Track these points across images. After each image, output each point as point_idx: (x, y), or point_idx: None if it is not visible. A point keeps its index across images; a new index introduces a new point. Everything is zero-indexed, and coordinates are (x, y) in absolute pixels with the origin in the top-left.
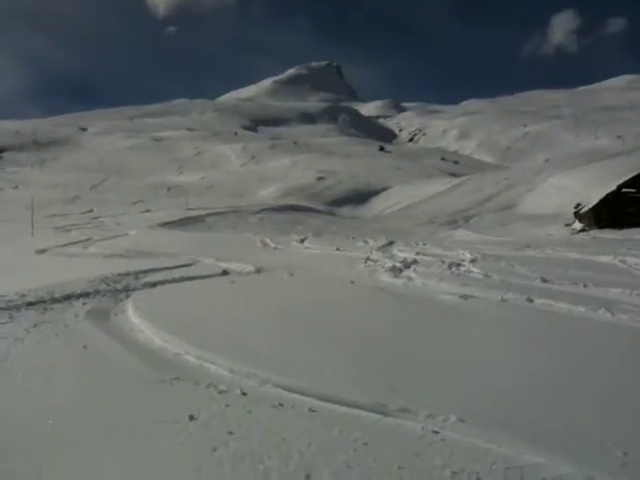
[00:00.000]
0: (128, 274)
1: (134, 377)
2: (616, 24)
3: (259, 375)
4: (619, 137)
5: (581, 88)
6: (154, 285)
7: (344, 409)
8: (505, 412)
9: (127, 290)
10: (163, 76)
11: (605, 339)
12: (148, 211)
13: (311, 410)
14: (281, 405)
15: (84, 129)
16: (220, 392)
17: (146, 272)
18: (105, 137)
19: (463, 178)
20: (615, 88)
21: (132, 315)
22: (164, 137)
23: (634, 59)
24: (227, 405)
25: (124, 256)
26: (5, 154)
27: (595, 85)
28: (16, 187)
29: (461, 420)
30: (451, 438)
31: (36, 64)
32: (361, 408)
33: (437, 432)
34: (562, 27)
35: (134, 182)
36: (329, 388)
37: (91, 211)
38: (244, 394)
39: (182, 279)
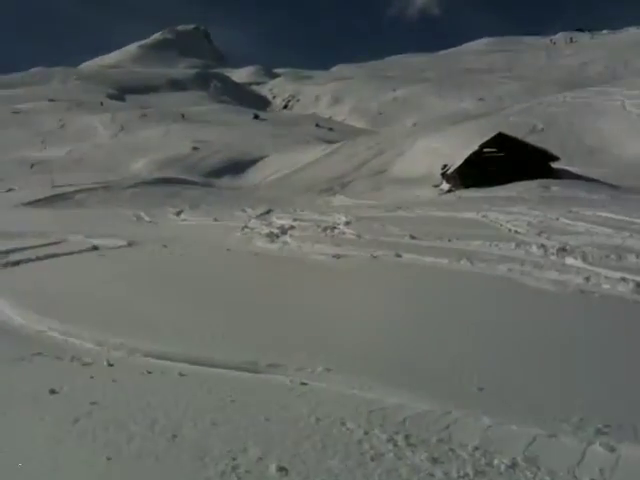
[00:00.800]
0: None
1: None
2: None
3: (127, 345)
4: (481, 99)
5: (443, 52)
6: (17, 264)
7: (214, 370)
8: (370, 360)
9: None
10: (17, 41)
11: (466, 286)
12: (11, 190)
13: (180, 374)
14: (149, 373)
15: None
16: (84, 364)
17: (8, 252)
18: None
19: (337, 145)
20: (475, 51)
21: None
22: (23, 109)
23: (494, 20)
24: (91, 377)
25: None
26: None
27: (457, 49)
28: None
29: (328, 370)
30: (318, 388)
31: None
32: (231, 368)
33: (305, 384)
34: None
35: None
36: (200, 351)
37: None
38: (110, 365)
39: (47, 257)
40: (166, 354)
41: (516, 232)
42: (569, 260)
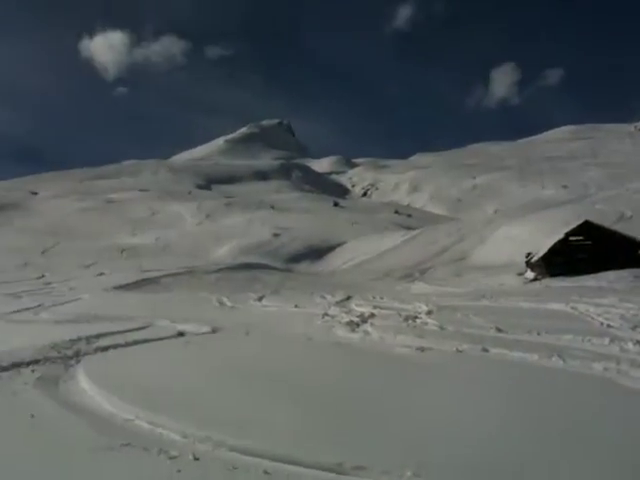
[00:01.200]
0: (79, 339)
1: (83, 445)
2: (554, 75)
3: (213, 438)
4: (564, 186)
5: (524, 140)
6: (106, 349)
7: (299, 469)
8: (460, 464)
9: (78, 356)
10: (113, 137)
11: (559, 386)
12: (102, 274)
13: (265, 472)
14: (235, 468)
15: (34, 193)
16: (171, 458)
17: (98, 337)
18: (56, 200)
19: (417, 231)
20: (556, 139)
21: (82, 381)
22: (116, 199)
23: (573, 108)
24: (178, 471)
25: (76, 321)
26: None
27: (537, 137)
28: None
29: (416, 475)
30: None
31: None
32: (316, 468)
33: None
34: (503, 80)
35: (87, 245)
36: (284, 448)
37: (43, 276)
38: (196, 459)
39: (135, 342)
40: (251, 450)
41: (609, 326)
42: None
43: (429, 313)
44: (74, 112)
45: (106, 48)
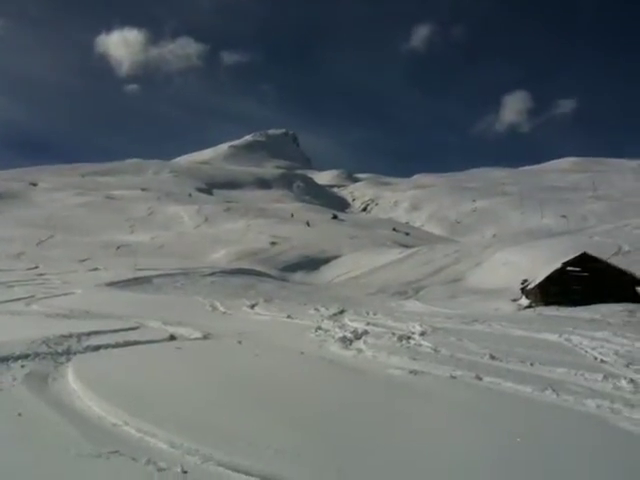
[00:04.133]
0: (71, 336)
1: (69, 449)
2: (566, 105)
3: (201, 452)
4: (564, 217)
5: (526, 168)
6: (97, 349)
7: None
8: None
9: (68, 353)
10: (119, 134)
11: (552, 421)
12: (96, 269)
13: None
14: None
15: (34, 184)
16: (160, 470)
17: (89, 334)
18: (55, 193)
19: (414, 249)
20: (559, 169)
21: (72, 381)
22: (116, 195)
23: (581, 139)
24: None
25: (68, 316)
26: None
27: (540, 166)
28: None
29: None
30: None
31: None
32: None
33: None
34: (514, 107)
35: (83, 239)
36: (273, 467)
37: (36, 267)
38: (185, 472)
39: (127, 343)
40: (240, 466)
41: (602, 361)
42: None
43: (423, 334)
44: (83, 106)
45: (122, 45)
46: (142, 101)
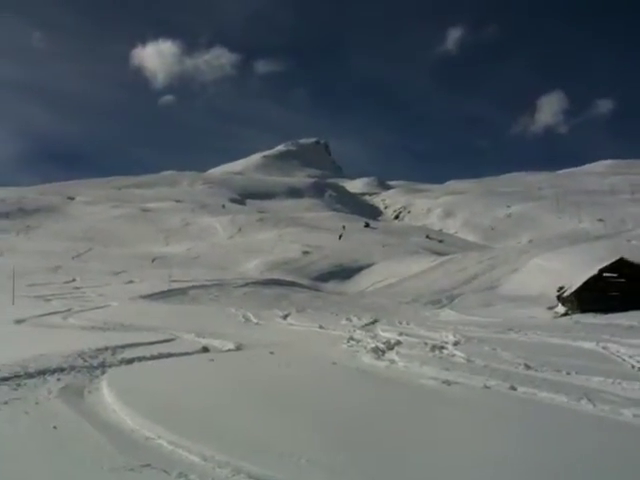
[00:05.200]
0: (106, 349)
1: (103, 463)
2: (603, 105)
3: (232, 464)
4: (601, 220)
5: (562, 171)
6: (131, 362)
7: None
8: None
9: (103, 366)
10: (154, 146)
11: (588, 432)
12: (131, 282)
13: None
14: None
15: (71, 198)
16: None
17: (124, 347)
18: (92, 206)
19: (447, 257)
20: (595, 172)
21: (106, 394)
22: (151, 208)
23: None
24: None
25: (103, 329)
26: None
27: (576, 169)
28: (0, 254)
29: None
30: None
31: (29, 133)
32: None
33: None
34: (550, 108)
35: (119, 252)
36: (305, 478)
37: (73, 280)
38: None
39: (161, 356)
40: (272, 478)
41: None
42: None
43: (456, 344)
44: (118, 118)
45: (156, 56)
46: (177, 112)
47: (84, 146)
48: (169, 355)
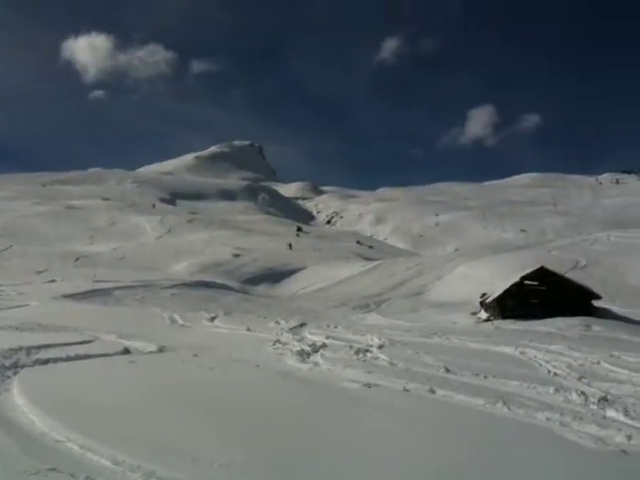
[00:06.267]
0: (20, 349)
1: (7, 466)
2: (530, 120)
3: (144, 467)
4: (523, 231)
5: (488, 183)
6: (46, 363)
7: None
8: None
9: (16, 367)
10: (82, 142)
11: (502, 434)
12: (53, 281)
13: None
14: None
15: None
16: None
17: (39, 348)
18: (14, 202)
19: (377, 262)
20: (520, 184)
21: (17, 395)
22: (77, 205)
23: (543, 154)
24: None
25: (20, 328)
26: None
27: (502, 180)
28: None
29: None
30: None
31: None
32: None
33: None
34: (480, 121)
35: (41, 250)
36: None
37: None
38: None
39: (78, 357)
40: None
41: (555, 374)
42: (610, 412)
43: (381, 347)
44: (45, 112)
45: (88, 50)
46: (107, 108)
47: (8, 139)
48: (87, 356)
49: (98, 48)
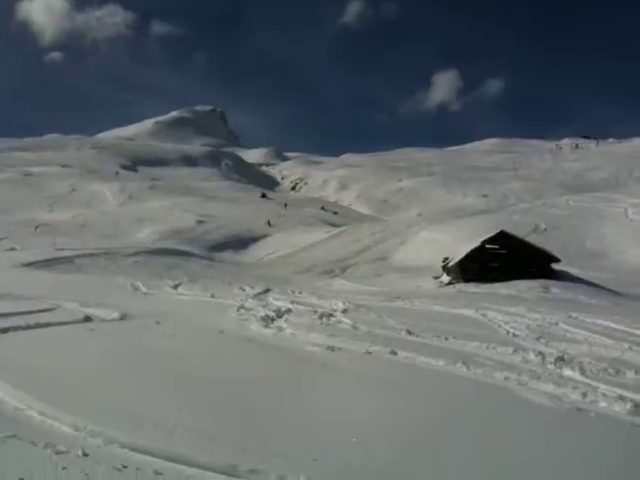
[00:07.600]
0: None
1: None
2: (494, 85)
3: (105, 433)
4: (485, 196)
5: (451, 148)
6: (5, 331)
7: (192, 470)
8: (354, 469)
9: None
10: (39, 107)
11: (460, 394)
12: (13, 249)
13: (156, 472)
14: (125, 467)
15: None
16: (58, 453)
17: None
18: None
19: (341, 228)
20: (481, 150)
21: None
22: (35, 172)
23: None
24: (64, 467)
25: None
26: None
27: (464, 146)
28: None
29: None
30: None
31: None
32: (210, 469)
33: None
34: (444, 86)
35: (0, 218)
36: (179, 448)
37: None
38: (85, 455)
39: (38, 325)
40: (144, 448)
41: (514, 335)
42: (567, 371)
43: (345, 312)
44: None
45: (44, 10)
46: (65, 71)
47: None
48: (47, 324)
49: (54, 8)
